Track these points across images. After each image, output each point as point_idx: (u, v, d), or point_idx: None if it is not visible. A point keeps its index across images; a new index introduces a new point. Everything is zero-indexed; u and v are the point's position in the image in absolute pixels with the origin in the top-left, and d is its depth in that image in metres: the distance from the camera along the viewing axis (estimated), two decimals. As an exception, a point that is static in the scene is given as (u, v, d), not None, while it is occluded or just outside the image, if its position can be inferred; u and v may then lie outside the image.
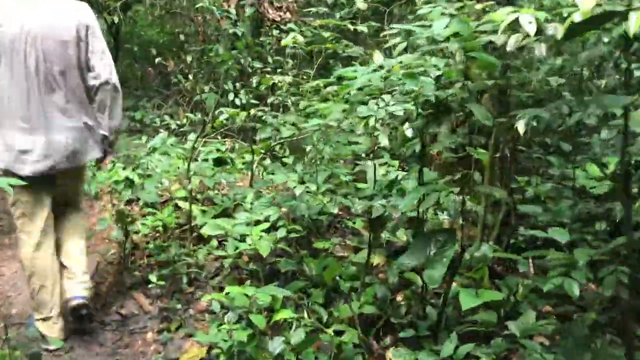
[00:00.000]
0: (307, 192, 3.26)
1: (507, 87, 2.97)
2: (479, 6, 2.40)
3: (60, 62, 2.53)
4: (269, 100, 5.74)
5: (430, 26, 2.64)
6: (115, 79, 2.66)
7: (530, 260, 3.25)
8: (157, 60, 6.99)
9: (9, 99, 2.51)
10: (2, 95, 2.53)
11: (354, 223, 3.87)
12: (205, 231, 2.87)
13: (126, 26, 9.73)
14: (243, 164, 4.92)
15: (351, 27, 4.27)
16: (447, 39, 2.39)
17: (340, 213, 3.77)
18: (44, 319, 2.65)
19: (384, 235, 3.17)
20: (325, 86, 3.79)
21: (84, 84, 2.63)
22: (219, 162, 4.55)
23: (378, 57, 4.57)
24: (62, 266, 2.76)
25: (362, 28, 4.32)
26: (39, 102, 2.51)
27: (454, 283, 2.55)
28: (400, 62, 2.71)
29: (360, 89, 2.38)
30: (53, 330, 2.66)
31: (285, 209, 3.45)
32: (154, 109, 7.72)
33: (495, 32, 2.16)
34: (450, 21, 2.58)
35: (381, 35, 4.69)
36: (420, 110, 2.59)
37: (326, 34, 4.26)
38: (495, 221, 3.51)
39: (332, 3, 6.58)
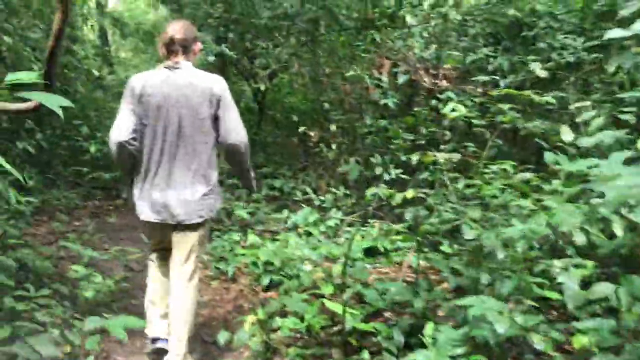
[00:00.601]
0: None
1: None
2: None
3: (192, 128, 2.77)
4: (421, 177, 5.14)
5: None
6: (240, 139, 2.84)
7: None
8: (300, 129, 6.76)
9: (148, 155, 2.81)
10: (145, 152, 2.82)
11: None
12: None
13: (270, 93, 9.82)
14: (395, 250, 4.28)
15: (536, 98, 3.56)
16: None
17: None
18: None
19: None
20: (515, 172, 3.11)
21: (209, 151, 2.84)
22: (370, 251, 3.95)
23: (567, 134, 3.76)
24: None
25: (548, 99, 3.60)
26: (170, 161, 2.79)
27: None
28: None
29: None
30: None
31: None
32: (295, 178, 7.42)
33: None
34: None
35: (572, 106, 3.93)
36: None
37: (505, 106, 3.60)
38: None
39: (494, 69, 5.92)
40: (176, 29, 2.85)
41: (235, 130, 2.82)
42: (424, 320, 2.67)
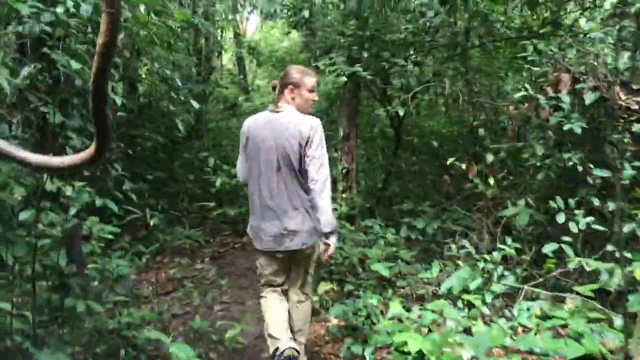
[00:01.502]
0: None
1: None
2: None
3: (288, 166, 3.01)
4: (625, 229, 3.74)
5: None
6: (322, 179, 2.98)
7: None
8: (449, 160, 5.60)
9: (255, 191, 3.09)
10: (252, 188, 3.13)
11: None
12: None
13: (408, 117, 8.72)
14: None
15: None
16: None
17: None
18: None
19: None
20: None
21: (302, 186, 3.04)
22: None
23: None
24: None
25: None
26: (273, 196, 3.03)
27: None
28: None
29: None
30: None
31: None
32: (439, 218, 6.23)
33: None
34: None
35: None
36: None
37: None
38: None
39: None
40: (281, 75, 3.18)
41: (315, 169, 2.99)
42: None
